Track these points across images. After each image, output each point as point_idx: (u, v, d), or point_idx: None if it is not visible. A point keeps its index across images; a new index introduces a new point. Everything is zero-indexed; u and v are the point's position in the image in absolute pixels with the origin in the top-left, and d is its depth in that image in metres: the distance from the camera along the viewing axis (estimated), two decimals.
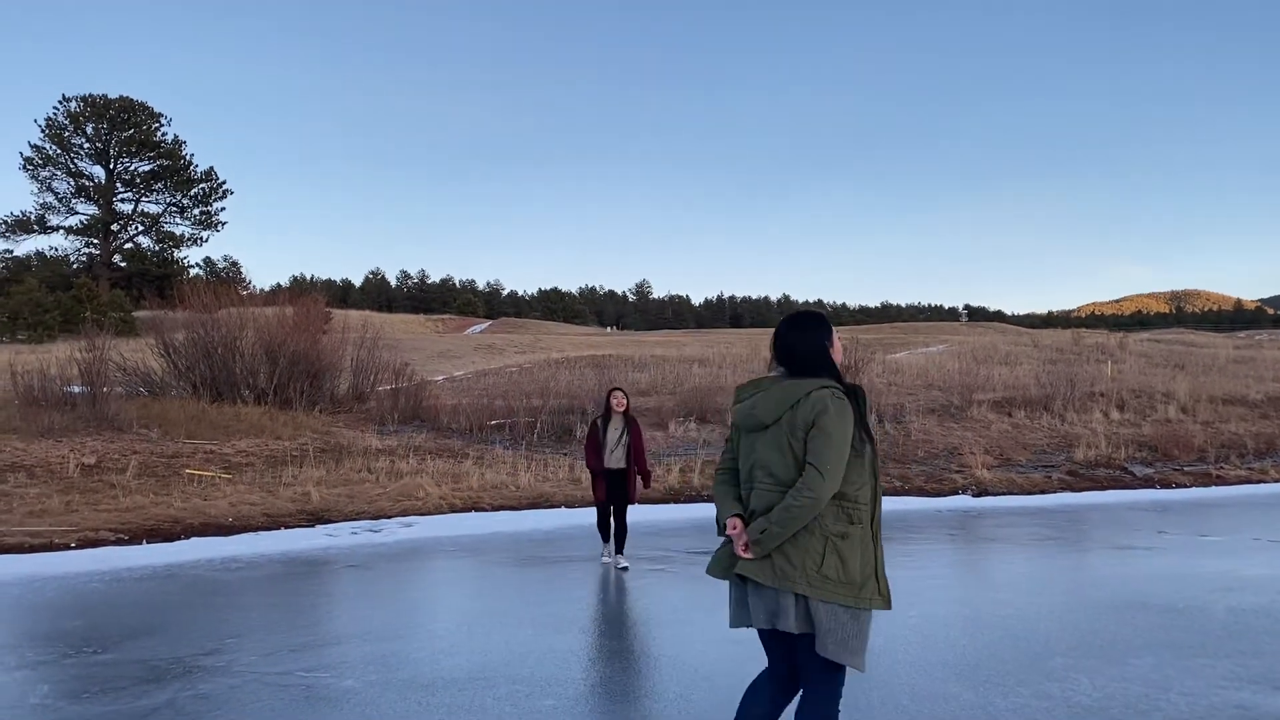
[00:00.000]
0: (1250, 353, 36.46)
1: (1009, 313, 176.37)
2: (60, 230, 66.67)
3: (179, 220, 69.26)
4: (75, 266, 66.44)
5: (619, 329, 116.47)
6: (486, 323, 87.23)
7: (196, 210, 69.01)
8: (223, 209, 69.89)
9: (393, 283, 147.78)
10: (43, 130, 63.67)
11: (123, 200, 67.70)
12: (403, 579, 8.12)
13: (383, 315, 71.93)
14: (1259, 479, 14.94)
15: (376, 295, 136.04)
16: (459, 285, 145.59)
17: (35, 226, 65.63)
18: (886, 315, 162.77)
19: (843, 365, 3.25)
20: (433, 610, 7.02)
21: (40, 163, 64.22)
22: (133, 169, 66.95)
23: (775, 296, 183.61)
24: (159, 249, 68.94)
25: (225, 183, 69.59)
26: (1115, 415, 19.38)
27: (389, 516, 10.76)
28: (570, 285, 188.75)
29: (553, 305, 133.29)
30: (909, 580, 7.36)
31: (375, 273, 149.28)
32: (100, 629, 6.16)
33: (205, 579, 7.80)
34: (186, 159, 67.83)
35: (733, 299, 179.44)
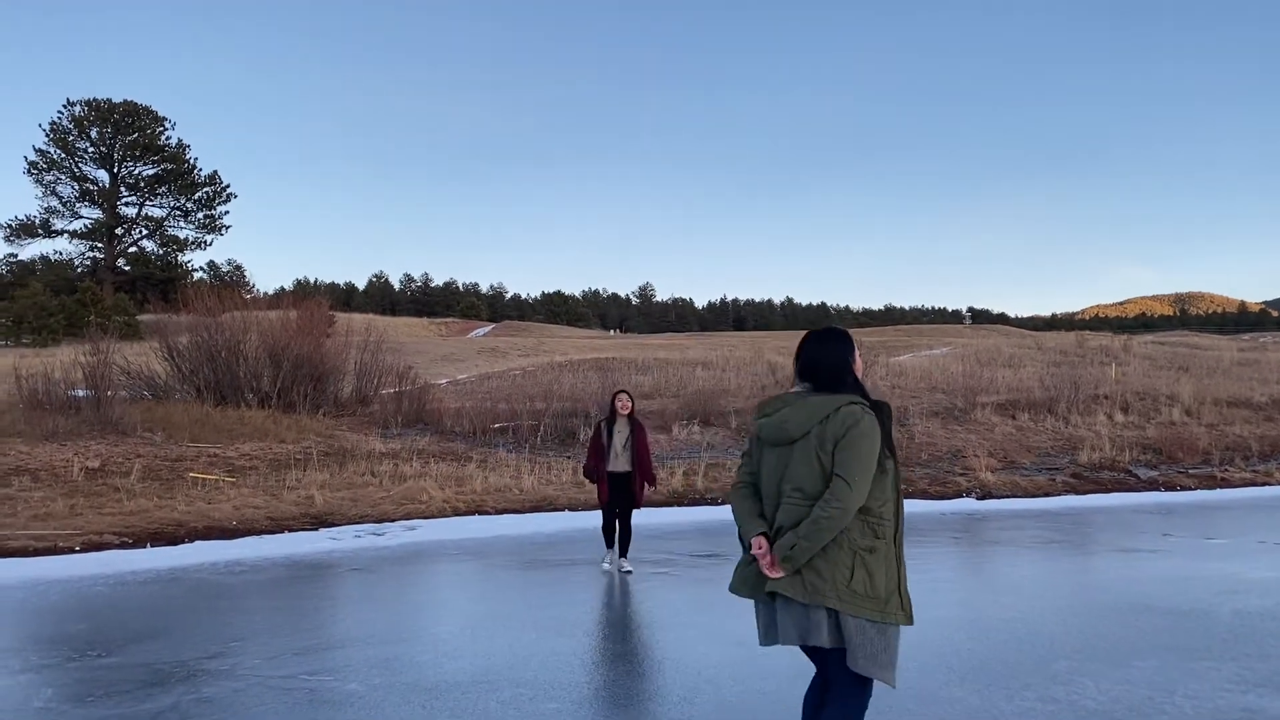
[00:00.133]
0: (1255, 355, 36.36)
1: (1012, 315, 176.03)
2: (64, 234, 67.06)
3: (183, 224, 69.57)
4: (79, 270, 66.65)
5: (622, 332, 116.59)
6: (490, 326, 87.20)
7: (200, 214, 69.28)
8: (226, 212, 70.22)
9: (396, 286, 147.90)
10: (47, 134, 64.03)
11: (127, 204, 68.02)
12: (406, 582, 8.13)
13: (386, 318, 71.87)
14: (1264, 481, 14.91)
15: (380, 298, 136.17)
16: (462, 288, 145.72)
17: (40, 230, 65.92)
18: (890, 318, 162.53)
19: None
20: (436, 613, 7.02)
21: (45, 167, 64.47)
22: (137, 173, 67.22)
23: (779, 299, 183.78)
24: (163, 253, 69.17)
25: (229, 186, 69.90)
26: (1119, 418, 19.35)
27: (392, 520, 10.77)
28: (573, 288, 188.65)
29: (556, 308, 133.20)
30: (913, 584, 7.30)
31: (379, 276, 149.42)
32: (104, 632, 6.17)
33: (209, 582, 7.81)
34: (190, 163, 68.13)
35: (736, 302, 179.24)
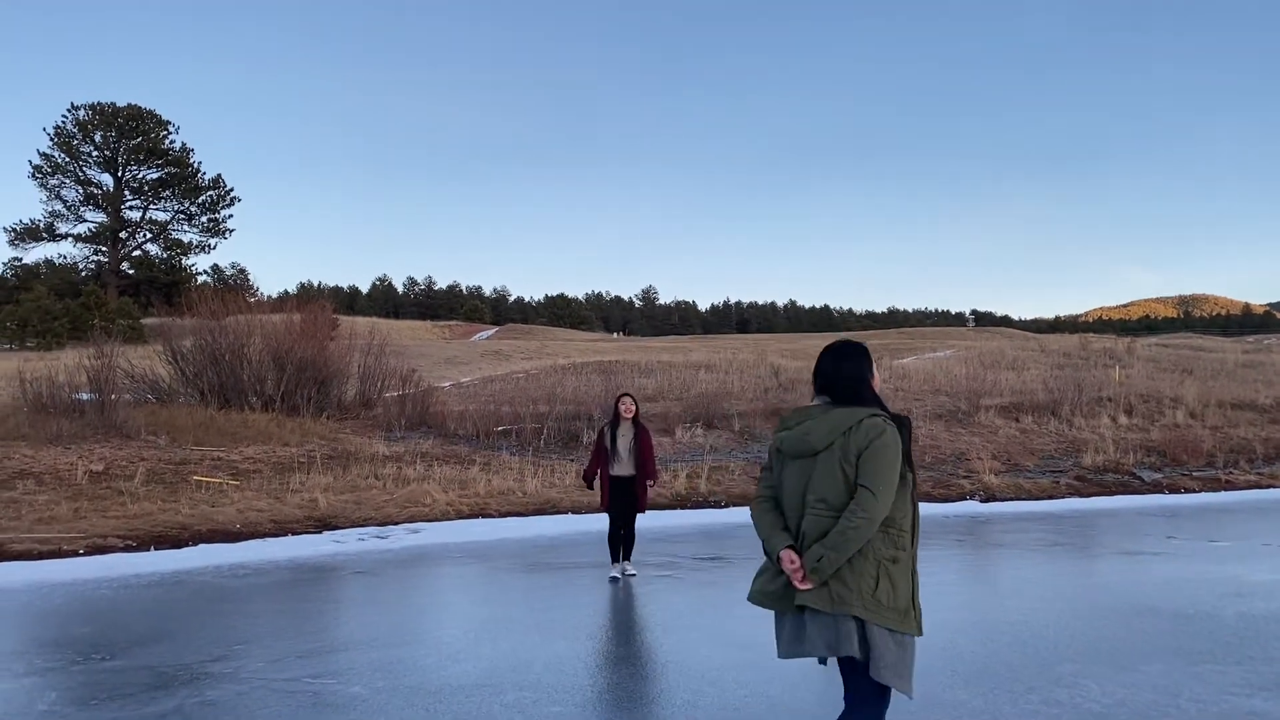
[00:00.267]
0: (1259, 357, 36.30)
1: (1016, 318, 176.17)
2: (69, 238, 67.18)
3: (187, 227, 69.73)
4: (84, 274, 66.80)
5: (625, 335, 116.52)
6: (493, 329, 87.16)
7: (204, 217, 69.40)
8: (230, 216, 70.34)
9: (400, 289, 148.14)
10: (51, 138, 64.19)
11: (131, 208, 68.15)
12: (410, 585, 8.13)
13: (390, 322, 71.96)
14: (1268, 484, 14.89)
15: (383, 302, 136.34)
16: (465, 291, 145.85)
17: (44, 234, 66.08)
18: (893, 320, 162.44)
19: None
20: (440, 616, 7.02)
21: (49, 171, 64.64)
22: (141, 177, 67.40)
23: (782, 302, 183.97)
24: (167, 256, 69.27)
25: (233, 190, 70.01)
26: (1123, 420, 19.31)
27: (396, 523, 10.77)
28: (577, 291, 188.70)
29: (559, 311, 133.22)
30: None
31: (382, 279, 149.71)
32: (108, 636, 6.18)
33: (213, 586, 7.81)
34: (194, 166, 68.26)
35: (739, 304, 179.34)
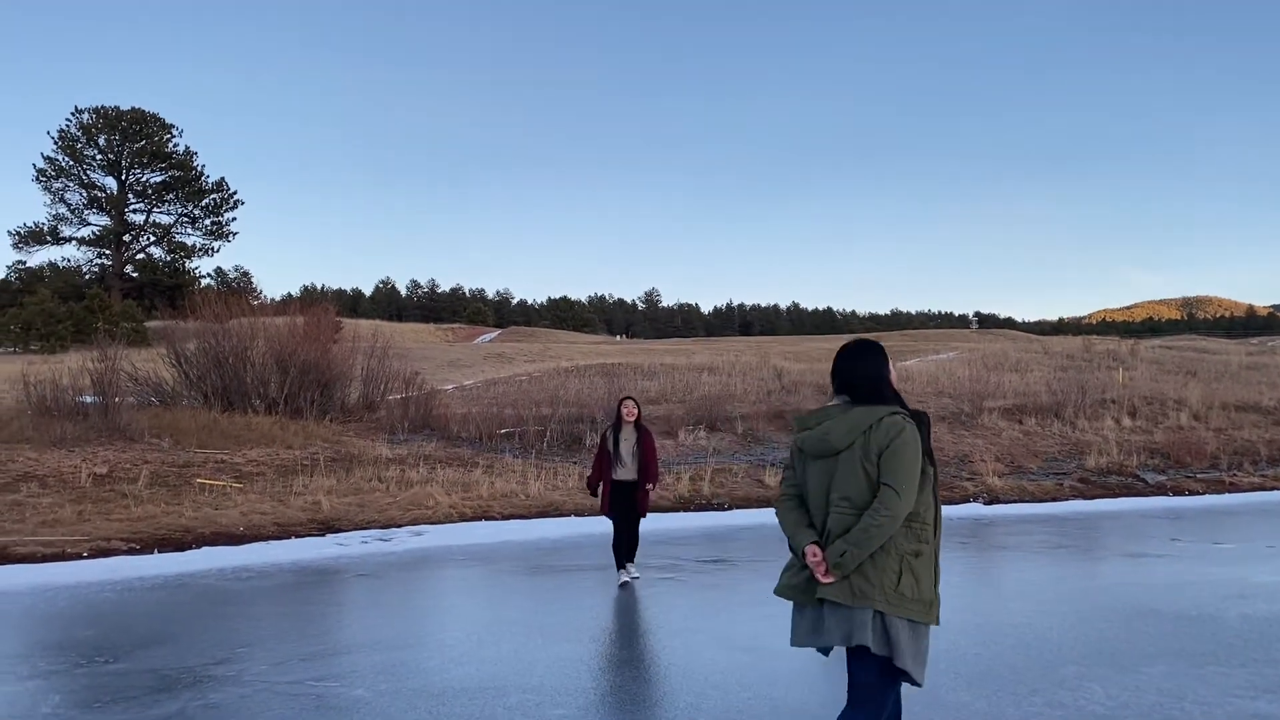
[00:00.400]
0: (1263, 359, 36.26)
1: (1019, 319, 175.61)
2: (73, 241, 67.18)
3: (190, 231, 69.67)
4: (87, 277, 66.85)
5: (628, 337, 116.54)
6: (496, 331, 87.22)
7: (208, 221, 69.38)
8: (234, 219, 70.21)
9: (403, 292, 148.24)
10: (55, 142, 64.21)
11: (134, 211, 68.14)
12: (413, 588, 8.14)
13: (393, 324, 72.05)
14: (1272, 486, 14.87)
15: (386, 305, 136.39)
16: (468, 294, 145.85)
17: (48, 238, 66.10)
18: (896, 322, 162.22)
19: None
20: (443, 619, 7.03)
21: (53, 174, 64.69)
22: (144, 180, 67.40)
23: (785, 304, 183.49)
24: (170, 259, 69.27)
25: (236, 193, 69.92)
26: (1127, 422, 19.29)
27: (399, 525, 10.78)
28: (579, 294, 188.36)
29: (562, 314, 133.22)
30: None
31: (385, 282, 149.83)
32: (112, 638, 6.19)
33: (216, 588, 7.83)
34: (198, 169, 68.25)
35: (742, 306, 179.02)
